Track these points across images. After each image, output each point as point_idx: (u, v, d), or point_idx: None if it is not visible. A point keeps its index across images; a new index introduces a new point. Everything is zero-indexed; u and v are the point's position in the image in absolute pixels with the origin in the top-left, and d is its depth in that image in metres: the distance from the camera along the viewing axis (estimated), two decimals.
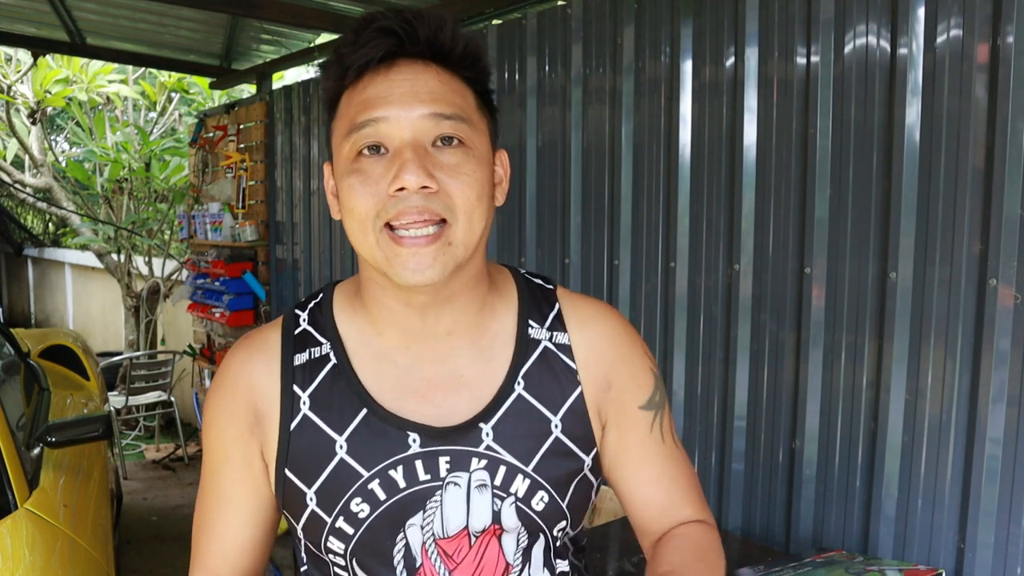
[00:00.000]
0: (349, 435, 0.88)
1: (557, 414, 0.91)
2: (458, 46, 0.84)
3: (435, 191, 0.80)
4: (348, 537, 0.87)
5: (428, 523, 0.87)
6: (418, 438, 0.87)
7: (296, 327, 0.94)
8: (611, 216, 2.49)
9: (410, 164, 0.79)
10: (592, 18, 2.50)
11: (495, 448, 0.88)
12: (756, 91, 2.08)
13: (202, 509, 0.96)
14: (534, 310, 0.94)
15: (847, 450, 1.94)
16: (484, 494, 0.87)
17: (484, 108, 0.89)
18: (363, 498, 0.87)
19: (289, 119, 4.23)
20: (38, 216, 10.12)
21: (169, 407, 5.67)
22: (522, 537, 0.89)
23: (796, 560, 1.78)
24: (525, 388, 0.90)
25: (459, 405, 0.89)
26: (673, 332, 2.32)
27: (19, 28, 4.71)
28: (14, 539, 2.03)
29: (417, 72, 0.83)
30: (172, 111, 7.33)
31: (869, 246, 1.87)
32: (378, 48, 0.82)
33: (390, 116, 0.81)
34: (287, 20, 3.72)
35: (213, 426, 0.94)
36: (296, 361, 0.91)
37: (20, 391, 2.98)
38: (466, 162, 0.83)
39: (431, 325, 0.89)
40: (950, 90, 1.70)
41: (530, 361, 0.92)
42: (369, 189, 0.81)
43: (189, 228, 5.08)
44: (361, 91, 0.84)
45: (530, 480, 0.88)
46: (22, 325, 9.57)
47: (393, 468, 0.87)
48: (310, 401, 0.89)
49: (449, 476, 0.87)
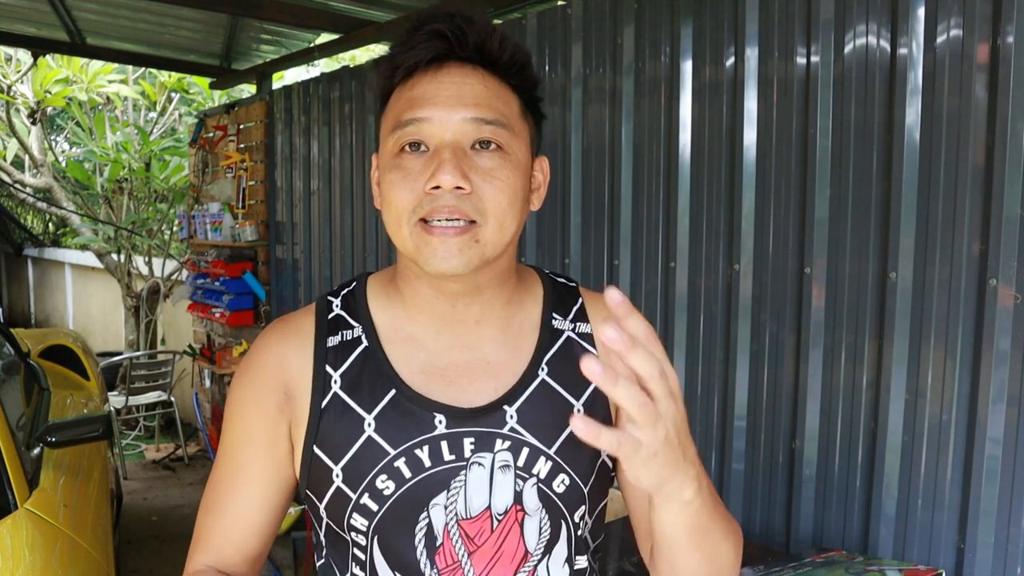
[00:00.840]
0: (378, 414, 0.90)
1: (580, 399, 0.94)
2: (505, 53, 0.88)
3: (468, 192, 0.84)
4: (372, 514, 0.89)
5: (452, 502, 0.89)
6: (444, 419, 0.90)
7: (329, 312, 0.97)
8: (611, 216, 2.49)
9: (446, 164, 0.83)
10: (592, 18, 2.50)
11: (518, 430, 0.91)
12: (756, 91, 2.08)
13: (213, 490, 0.97)
14: (558, 304, 1.00)
15: (847, 450, 1.94)
16: (507, 474, 0.90)
17: (528, 115, 0.92)
18: (389, 475, 0.89)
19: (289, 119, 4.23)
20: (38, 216, 10.12)
21: (169, 407, 5.68)
22: (544, 525, 0.91)
23: (796, 560, 1.78)
24: (549, 374, 0.94)
25: (484, 389, 0.92)
26: (673, 332, 2.32)
27: (19, 28, 4.72)
28: (14, 539, 2.03)
29: (464, 75, 0.87)
30: (172, 111, 7.33)
31: (869, 246, 1.87)
32: (428, 51, 0.86)
33: (433, 117, 0.85)
34: (287, 20, 3.73)
35: (239, 404, 0.96)
36: (329, 343, 0.94)
37: (20, 391, 2.98)
38: (502, 167, 0.86)
39: (461, 312, 0.93)
40: (950, 90, 1.70)
41: (554, 349, 0.96)
42: (408, 185, 0.85)
43: (189, 228, 5.08)
44: (409, 89, 0.88)
45: (552, 462, 0.91)
46: (22, 325, 9.57)
47: (419, 447, 0.89)
48: (341, 380, 0.92)
49: (473, 456, 0.90)
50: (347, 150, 3.77)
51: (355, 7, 3.68)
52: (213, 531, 0.96)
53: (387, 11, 3.67)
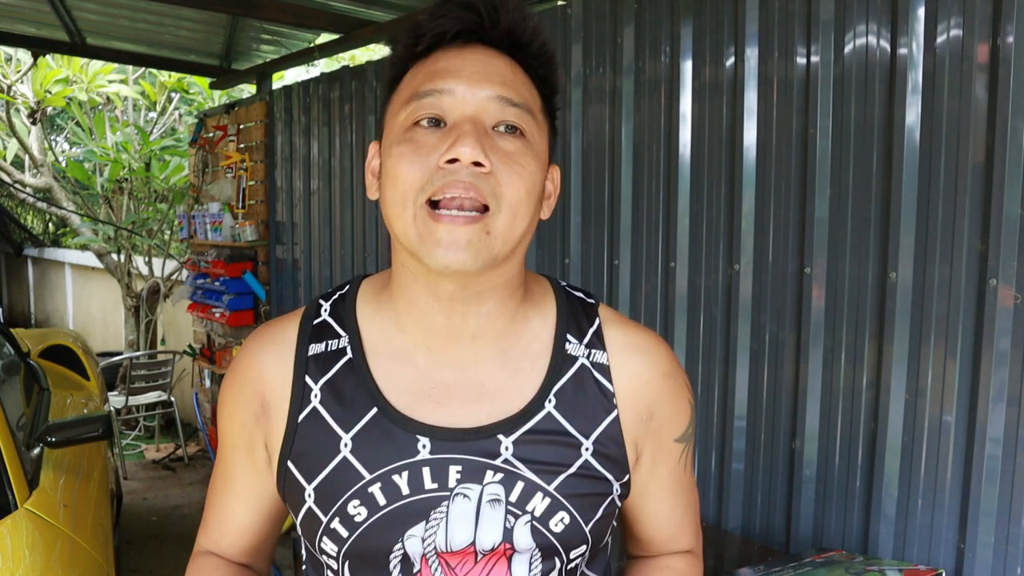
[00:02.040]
0: (356, 434, 0.84)
1: (589, 438, 0.85)
2: (535, 41, 0.83)
3: (487, 172, 0.76)
4: (342, 540, 0.83)
5: (430, 535, 0.82)
6: (428, 443, 0.82)
7: (316, 317, 0.91)
8: (611, 216, 2.49)
9: (467, 136, 0.76)
10: (592, 18, 2.50)
11: (514, 463, 0.82)
12: (756, 91, 2.08)
13: (213, 483, 0.98)
14: (572, 324, 0.89)
15: (847, 450, 1.94)
16: (496, 510, 0.82)
17: (547, 114, 0.87)
18: (361, 501, 0.82)
19: (289, 119, 4.23)
20: (38, 216, 10.12)
21: (169, 407, 5.67)
22: (535, 562, 0.83)
23: (796, 560, 1.78)
24: (556, 407, 0.85)
25: (478, 413, 0.84)
26: (673, 332, 2.32)
27: (19, 28, 4.71)
28: (14, 539, 2.03)
29: (491, 56, 0.81)
30: (172, 111, 7.33)
31: (869, 246, 1.87)
32: (457, 22, 0.80)
33: (456, 90, 0.78)
34: (287, 20, 3.73)
35: (223, 410, 0.94)
36: (311, 351, 0.88)
37: (20, 391, 2.98)
38: (524, 153, 0.79)
39: (456, 325, 0.84)
40: (950, 90, 1.70)
41: (565, 378, 0.86)
42: (419, 159, 0.77)
43: (189, 228, 5.08)
44: (432, 63, 0.81)
45: (551, 500, 0.83)
46: (22, 325, 9.57)
47: (397, 473, 0.82)
48: (321, 393, 0.86)
49: (459, 487, 0.82)
50: (347, 150, 3.77)
51: (355, 7, 3.68)
52: (212, 523, 0.98)
53: (387, 11, 3.67)
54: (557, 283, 0.94)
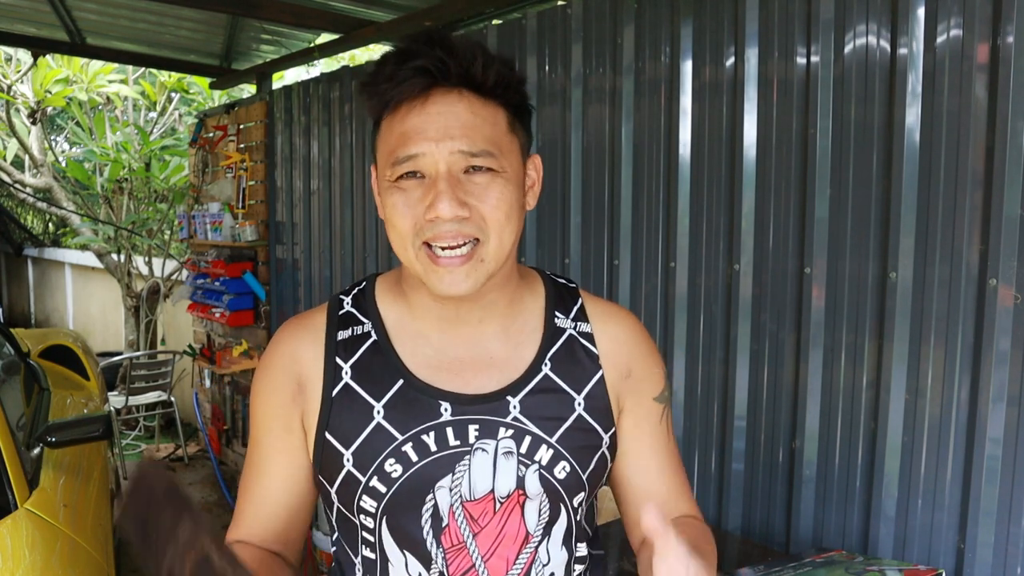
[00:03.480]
0: (386, 402, 0.96)
1: (580, 393, 1.00)
2: (489, 78, 0.92)
3: (467, 217, 0.90)
4: (381, 495, 0.94)
5: (456, 485, 0.94)
6: (449, 407, 0.95)
7: (340, 309, 1.03)
8: (611, 216, 2.49)
9: (443, 196, 0.88)
10: (592, 18, 2.50)
11: (521, 420, 0.96)
12: (756, 91, 2.08)
13: (245, 475, 1.05)
14: (559, 303, 1.05)
15: (847, 450, 1.94)
16: (510, 460, 0.95)
17: (517, 124, 0.97)
18: (396, 459, 0.94)
19: (289, 119, 4.23)
20: (38, 216, 10.12)
21: (169, 407, 5.67)
22: (543, 508, 0.96)
23: (796, 560, 1.78)
24: (551, 369, 1.00)
25: (488, 381, 0.98)
26: (673, 332, 2.32)
27: (19, 28, 4.71)
28: (14, 539, 2.03)
29: (451, 104, 0.91)
30: (172, 111, 7.33)
31: (869, 246, 1.87)
32: (414, 87, 0.90)
33: (426, 152, 0.90)
34: (287, 20, 3.73)
35: (259, 397, 1.03)
36: (339, 336, 1.00)
37: (20, 391, 2.98)
38: (494, 186, 0.91)
39: (464, 314, 0.99)
40: (950, 90, 1.70)
41: (556, 346, 1.01)
42: (409, 211, 0.91)
43: (189, 228, 5.08)
44: (400, 123, 0.92)
45: (554, 450, 0.96)
46: (22, 325, 9.57)
47: (425, 433, 0.94)
48: (351, 371, 0.98)
49: (477, 442, 0.94)
50: (347, 150, 3.77)
51: (355, 7, 3.67)
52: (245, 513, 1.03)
53: (387, 11, 3.67)
54: (543, 272, 1.10)
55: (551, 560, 0.97)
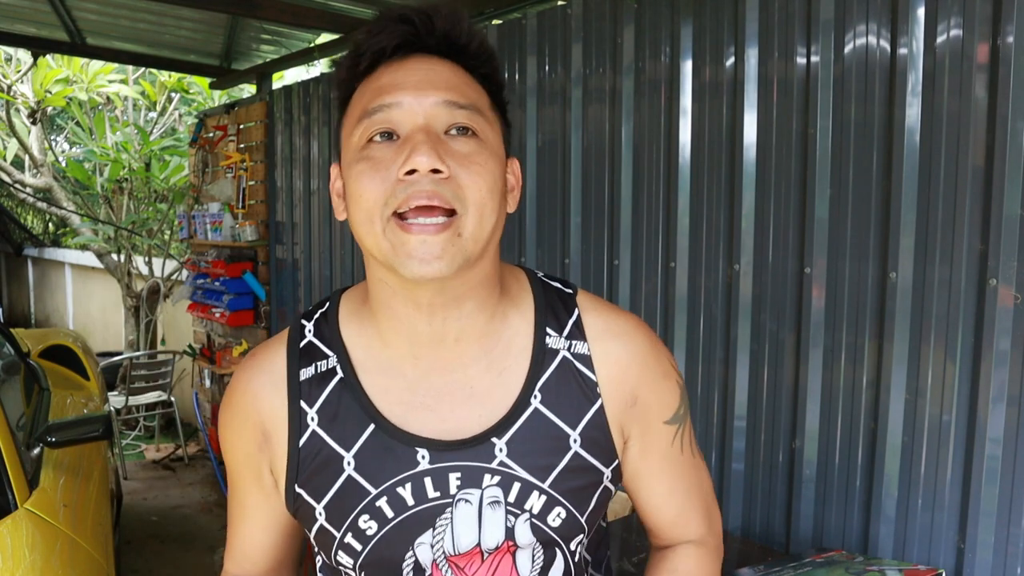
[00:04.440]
0: (357, 451, 0.86)
1: (576, 428, 0.87)
2: (473, 42, 0.84)
3: (446, 176, 0.77)
4: (356, 553, 0.87)
5: (438, 541, 0.85)
6: (427, 454, 0.85)
7: (301, 339, 0.92)
8: (611, 216, 2.49)
9: (422, 146, 0.77)
10: (592, 18, 2.50)
11: (509, 464, 0.85)
12: (756, 91, 2.08)
13: (230, 509, 1.01)
14: (551, 317, 0.90)
15: (847, 450, 1.94)
16: (497, 511, 0.85)
17: (497, 110, 0.87)
18: (371, 515, 0.85)
19: (289, 119, 4.23)
20: (38, 216, 10.12)
21: (169, 407, 5.67)
22: (537, 556, 0.87)
23: (796, 560, 1.78)
24: (542, 401, 0.87)
25: (469, 418, 0.86)
26: (673, 332, 2.32)
27: (19, 28, 4.71)
28: (14, 539, 2.03)
29: (432, 63, 0.82)
30: (172, 111, 7.33)
31: (869, 246, 1.87)
32: (394, 36, 0.82)
33: (403, 102, 0.80)
34: (287, 20, 3.72)
35: (225, 442, 0.96)
36: (302, 376, 0.89)
37: (20, 391, 2.98)
38: (479, 152, 0.80)
39: (438, 330, 0.85)
40: (950, 90, 1.70)
41: (547, 373, 0.88)
42: (379, 175, 0.78)
43: (189, 228, 5.08)
44: (376, 80, 0.82)
45: (547, 496, 0.85)
46: (22, 325, 9.57)
47: (401, 485, 0.85)
48: (318, 417, 0.88)
49: (460, 493, 0.84)
50: None
51: (355, 7, 3.67)
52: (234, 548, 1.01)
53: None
54: (533, 275, 0.95)
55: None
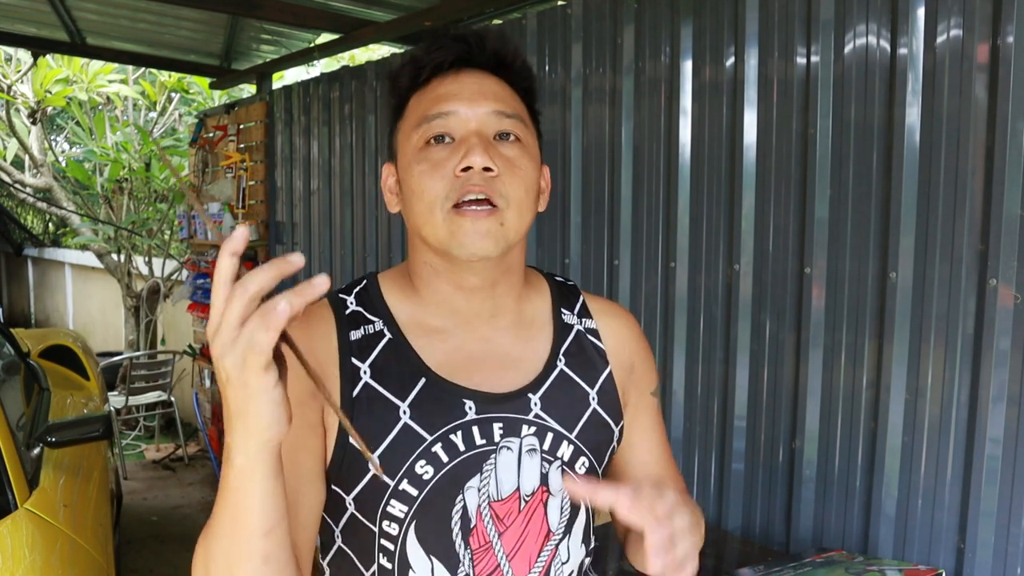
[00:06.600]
0: (411, 402, 0.93)
1: (593, 388, 1.02)
2: (517, 60, 0.97)
3: (495, 175, 0.90)
4: (411, 499, 0.91)
5: (484, 485, 0.93)
6: (474, 405, 0.95)
7: (346, 308, 0.99)
8: (611, 216, 2.49)
9: (476, 147, 0.90)
10: (592, 18, 2.50)
11: (543, 416, 0.97)
12: (756, 91, 2.08)
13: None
14: (563, 300, 1.07)
15: (847, 450, 1.94)
16: (534, 458, 0.95)
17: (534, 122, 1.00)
18: (427, 460, 0.92)
19: (289, 119, 4.23)
20: (38, 216, 10.13)
21: (169, 407, 5.68)
22: (565, 505, 0.97)
23: (796, 560, 1.78)
24: (566, 364, 1.01)
25: (506, 378, 0.98)
26: (673, 332, 2.32)
27: (19, 28, 4.71)
28: (14, 539, 2.03)
29: (482, 77, 0.96)
30: (172, 111, 7.33)
31: (869, 246, 1.87)
32: (451, 52, 0.94)
33: (459, 111, 0.92)
34: (287, 20, 3.72)
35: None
36: (352, 336, 0.96)
37: (20, 391, 2.98)
38: (521, 157, 0.93)
39: (476, 308, 0.98)
40: (950, 90, 1.70)
41: (567, 342, 1.03)
42: (438, 172, 0.91)
43: (189, 228, 5.08)
44: (432, 91, 0.95)
45: (574, 446, 0.98)
46: (22, 325, 9.57)
47: (453, 432, 0.93)
48: (370, 371, 0.94)
49: (502, 441, 0.94)
50: (347, 150, 3.77)
51: (355, 7, 3.67)
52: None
53: (387, 11, 3.67)
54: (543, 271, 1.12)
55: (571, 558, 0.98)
